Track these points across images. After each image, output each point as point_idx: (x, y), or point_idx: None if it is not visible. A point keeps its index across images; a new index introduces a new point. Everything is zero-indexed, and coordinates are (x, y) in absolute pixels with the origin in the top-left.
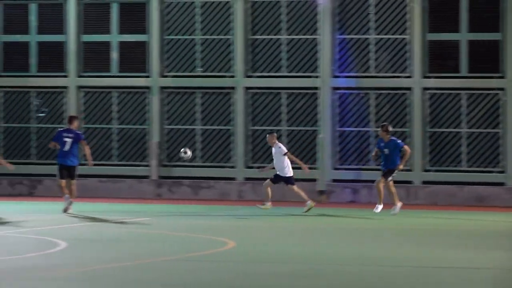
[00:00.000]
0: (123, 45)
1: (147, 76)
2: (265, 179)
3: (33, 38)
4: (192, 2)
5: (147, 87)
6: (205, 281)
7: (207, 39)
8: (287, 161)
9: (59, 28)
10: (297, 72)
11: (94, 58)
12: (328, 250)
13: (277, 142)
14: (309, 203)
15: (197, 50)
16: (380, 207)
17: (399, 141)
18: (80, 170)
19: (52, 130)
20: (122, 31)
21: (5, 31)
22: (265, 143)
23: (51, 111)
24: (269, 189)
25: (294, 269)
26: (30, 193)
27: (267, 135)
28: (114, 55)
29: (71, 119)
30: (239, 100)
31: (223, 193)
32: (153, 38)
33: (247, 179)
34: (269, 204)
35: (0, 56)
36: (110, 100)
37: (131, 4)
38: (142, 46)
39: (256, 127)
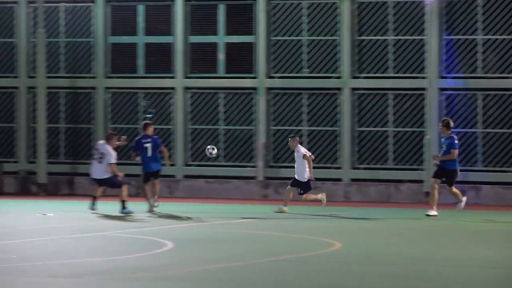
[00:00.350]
0: (229, 46)
1: (254, 77)
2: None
3: (141, 39)
4: (299, 3)
5: (254, 88)
6: (310, 282)
7: (313, 40)
8: (306, 166)
9: (167, 29)
10: (403, 73)
11: (201, 59)
12: (436, 251)
13: (298, 145)
14: (321, 196)
15: (303, 51)
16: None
17: (456, 141)
18: (187, 171)
19: (160, 131)
20: (229, 32)
21: (113, 33)
22: (372, 144)
23: (158, 112)
24: (291, 194)
25: (400, 270)
26: (137, 194)
27: (289, 138)
28: (221, 56)
29: (146, 125)
30: (345, 101)
31: (329, 194)
32: (260, 39)
33: (353, 180)
34: (285, 208)
35: (108, 58)
36: (217, 101)
37: (237, 5)
38: (249, 47)
39: (362, 128)
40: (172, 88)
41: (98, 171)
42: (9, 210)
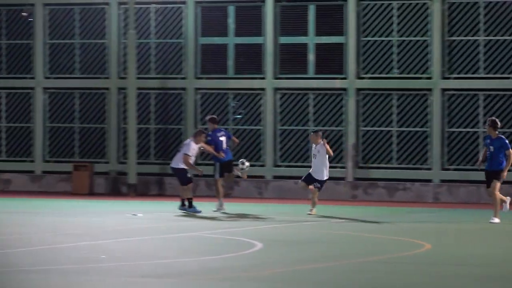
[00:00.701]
0: (319, 47)
1: (344, 78)
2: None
3: (231, 40)
4: (390, 4)
5: (344, 89)
6: (400, 283)
7: (404, 40)
8: (327, 164)
9: (257, 30)
10: (494, 73)
11: (291, 60)
12: None
13: (321, 141)
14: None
15: (393, 51)
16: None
17: (506, 141)
18: (277, 171)
19: (249, 131)
20: (319, 33)
21: (204, 34)
22: (462, 145)
23: (247, 113)
24: (316, 196)
25: (491, 272)
26: (227, 194)
27: (312, 133)
28: (311, 57)
29: (214, 119)
30: (435, 102)
31: (419, 195)
32: (350, 39)
33: (443, 181)
34: (313, 210)
35: (198, 59)
36: (307, 102)
37: (328, 6)
38: (339, 48)
39: (453, 129)
40: (262, 89)
41: (174, 159)
42: (99, 210)
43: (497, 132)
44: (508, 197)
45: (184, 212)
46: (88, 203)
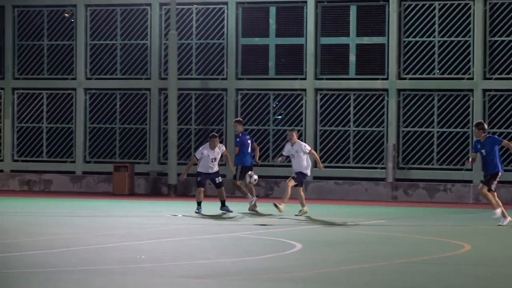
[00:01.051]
0: (361, 47)
1: (385, 79)
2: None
3: (272, 41)
4: (431, 4)
5: (385, 90)
6: (441, 284)
7: (445, 41)
8: (309, 163)
9: (298, 30)
10: None
11: (332, 60)
12: None
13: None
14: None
15: (435, 52)
16: (498, 213)
17: (496, 136)
18: (317, 172)
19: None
20: (360, 33)
21: (245, 34)
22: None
23: (288, 114)
24: (302, 194)
25: None
26: (267, 195)
27: (288, 131)
28: (352, 57)
29: (240, 122)
30: (476, 102)
31: (460, 196)
32: (391, 40)
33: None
34: (305, 209)
35: (239, 59)
36: (348, 102)
37: (369, 6)
38: (380, 49)
39: (494, 130)
40: (303, 90)
41: None
42: (139, 211)
43: (484, 134)
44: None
45: (224, 213)
46: (128, 204)
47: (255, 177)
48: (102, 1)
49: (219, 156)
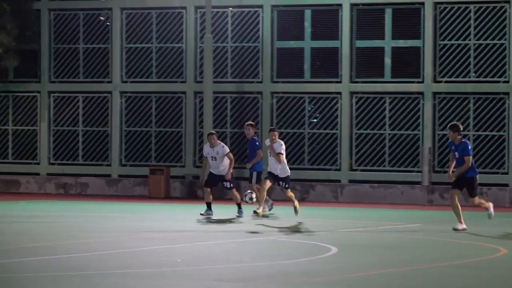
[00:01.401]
0: (396, 50)
1: (420, 82)
2: None
3: (307, 44)
4: (467, 7)
5: (420, 93)
6: None
7: (481, 44)
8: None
9: (333, 34)
10: None
11: (367, 63)
12: None
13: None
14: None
15: (470, 55)
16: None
17: (469, 146)
18: (352, 176)
19: (325, 135)
20: (396, 36)
21: (280, 38)
22: None
23: (323, 117)
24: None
25: None
26: (303, 198)
27: (269, 132)
28: (387, 60)
29: (254, 126)
30: None
31: (496, 199)
32: (427, 43)
33: None
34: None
35: (274, 62)
36: (383, 105)
37: (405, 9)
38: (416, 52)
39: None
40: (338, 93)
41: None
42: (175, 214)
43: (459, 137)
44: (490, 203)
45: (257, 216)
46: (164, 207)
47: (252, 195)
48: (137, 5)
49: (219, 156)
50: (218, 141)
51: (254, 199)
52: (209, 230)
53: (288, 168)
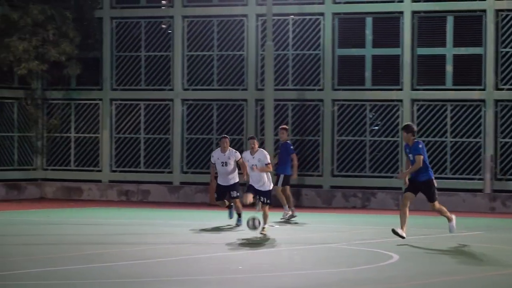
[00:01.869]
0: (457, 58)
1: (482, 89)
2: None
3: (368, 51)
4: None
5: (482, 100)
6: None
7: None
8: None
9: (394, 41)
10: None
11: (428, 71)
12: None
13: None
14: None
15: None
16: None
17: (420, 145)
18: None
19: (386, 143)
20: (457, 44)
21: (341, 45)
22: None
23: (385, 125)
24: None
25: None
26: (364, 206)
27: (249, 139)
28: (449, 68)
29: (287, 130)
30: None
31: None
32: (488, 50)
33: None
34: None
35: (336, 70)
36: (445, 113)
37: (466, 17)
38: (477, 59)
39: None
40: (399, 100)
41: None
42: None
43: (414, 138)
44: (453, 215)
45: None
46: (225, 214)
47: (256, 223)
48: (199, 12)
49: (231, 162)
50: (229, 147)
51: (258, 226)
52: (270, 238)
53: (271, 182)
